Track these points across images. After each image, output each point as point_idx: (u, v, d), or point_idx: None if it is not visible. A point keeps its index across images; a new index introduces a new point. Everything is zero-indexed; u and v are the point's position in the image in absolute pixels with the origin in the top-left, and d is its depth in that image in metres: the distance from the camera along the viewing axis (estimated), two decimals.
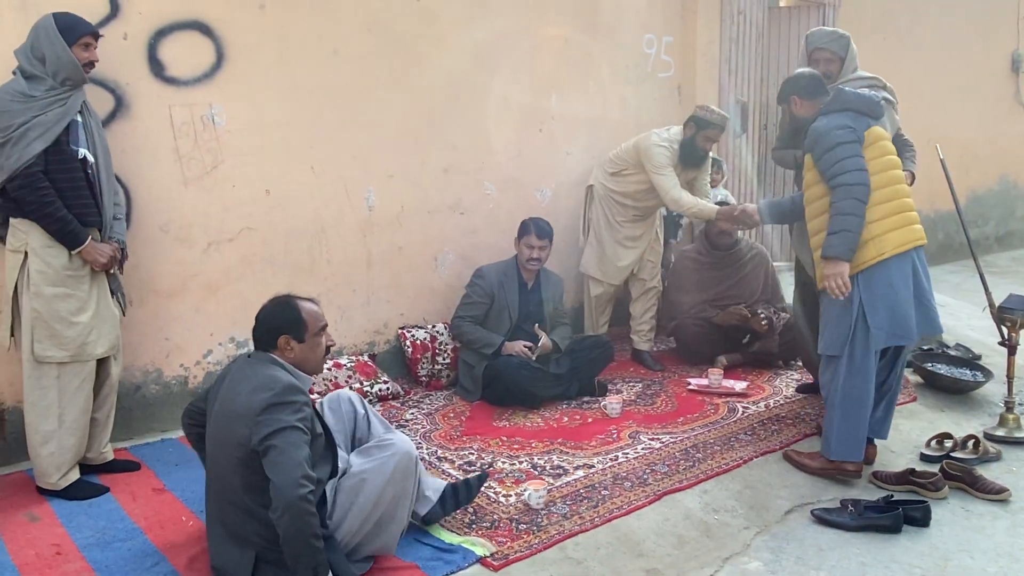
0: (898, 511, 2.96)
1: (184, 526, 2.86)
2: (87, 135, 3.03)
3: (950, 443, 3.59)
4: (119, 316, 3.20)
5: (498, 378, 3.99)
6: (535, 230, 4.19)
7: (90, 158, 3.03)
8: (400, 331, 4.43)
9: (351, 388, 3.96)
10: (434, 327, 4.47)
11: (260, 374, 2.41)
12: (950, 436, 3.62)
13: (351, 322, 4.29)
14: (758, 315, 4.59)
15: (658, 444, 3.56)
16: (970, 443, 3.57)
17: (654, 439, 3.62)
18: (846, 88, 3.33)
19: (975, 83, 8.04)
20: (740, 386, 4.26)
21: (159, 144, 3.60)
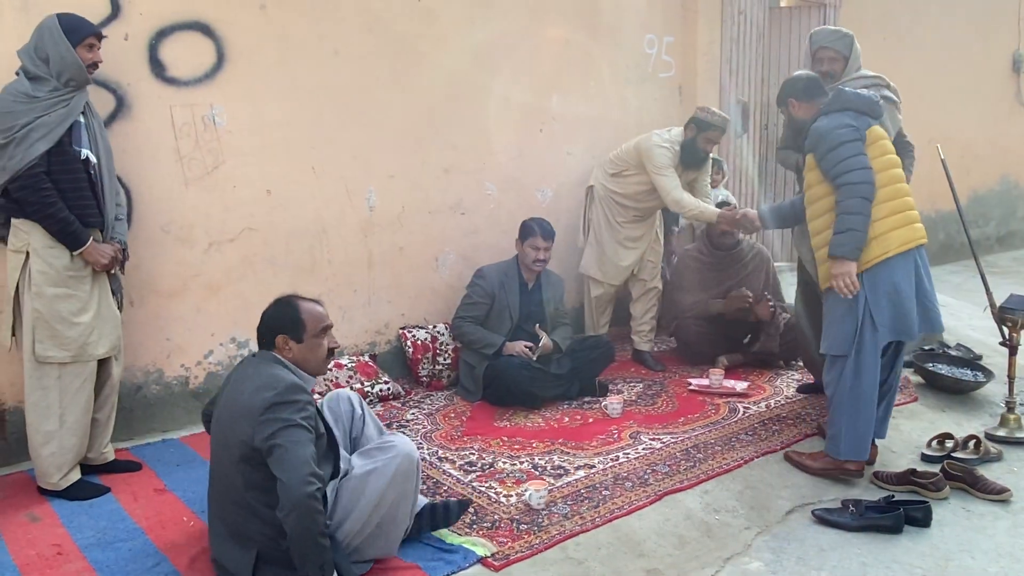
0: (899, 511, 2.96)
1: (185, 526, 2.86)
2: (90, 136, 3.03)
3: (951, 443, 3.59)
4: (120, 316, 3.20)
5: (499, 378, 3.99)
6: (540, 232, 4.19)
7: (92, 159, 3.03)
8: (401, 331, 4.43)
9: (352, 388, 3.97)
10: (435, 327, 4.47)
11: (263, 373, 2.41)
12: (951, 436, 3.62)
13: (352, 322, 4.29)
14: (765, 298, 4.56)
15: (659, 444, 3.57)
16: (971, 443, 3.57)
17: (655, 439, 3.63)
18: (846, 88, 3.33)
19: (976, 83, 8.04)
20: (741, 386, 4.26)
21: (160, 144, 3.61)
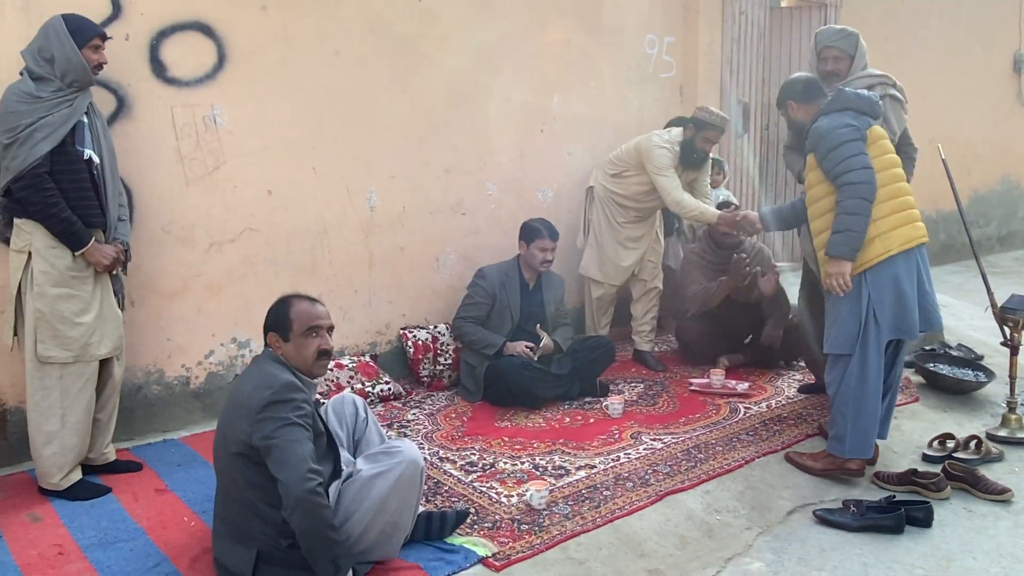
0: (900, 511, 2.96)
1: (186, 526, 2.86)
2: (93, 136, 3.04)
3: (952, 443, 3.58)
4: (122, 316, 3.21)
5: (500, 378, 3.99)
6: (547, 233, 4.19)
7: (95, 159, 3.03)
8: (402, 332, 4.43)
9: (353, 388, 3.97)
10: (436, 328, 4.47)
11: (262, 371, 2.43)
12: (952, 436, 3.61)
13: (353, 323, 4.29)
14: (772, 272, 4.47)
15: (660, 444, 3.56)
16: (972, 443, 3.56)
17: (656, 439, 3.62)
18: (846, 88, 3.33)
19: (977, 83, 8.04)
20: (742, 386, 4.26)
21: (161, 145, 3.61)
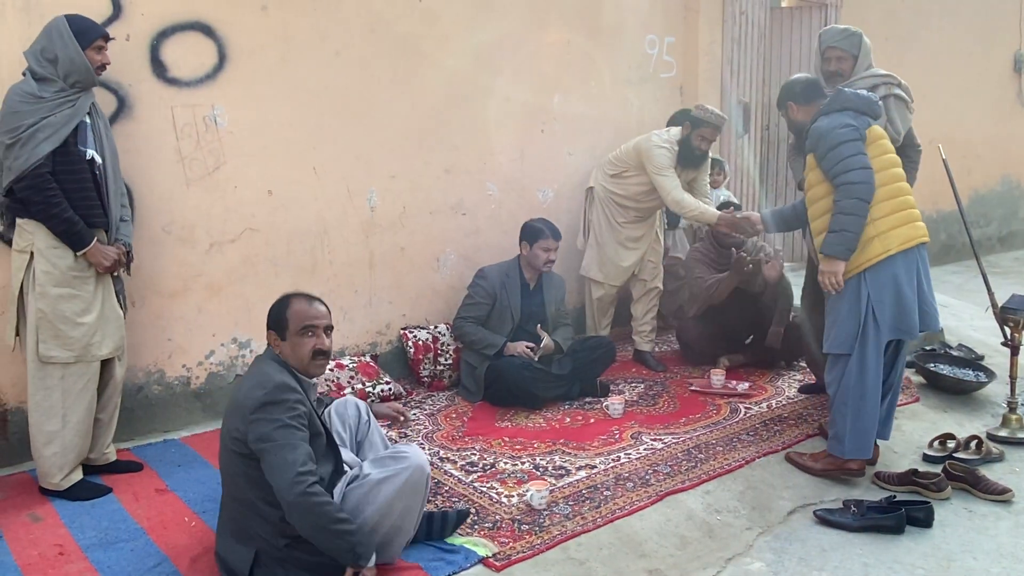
0: (901, 512, 2.96)
1: (187, 527, 2.86)
2: (95, 136, 3.04)
3: (953, 444, 3.58)
4: (123, 317, 3.21)
5: (500, 379, 3.99)
6: (550, 233, 4.18)
7: (98, 159, 3.03)
8: (402, 332, 4.43)
9: (353, 388, 3.97)
10: (436, 328, 4.47)
11: (259, 371, 2.45)
12: (953, 437, 3.61)
13: (353, 323, 4.29)
14: (776, 257, 4.47)
15: (660, 445, 3.56)
16: (973, 444, 3.56)
17: (656, 440, 3.62)
18: (844, 88, 3.33)
19: (978, 83, 8.04)
20: (742, 387, 4.26)
21: (161, 145, 3.61)
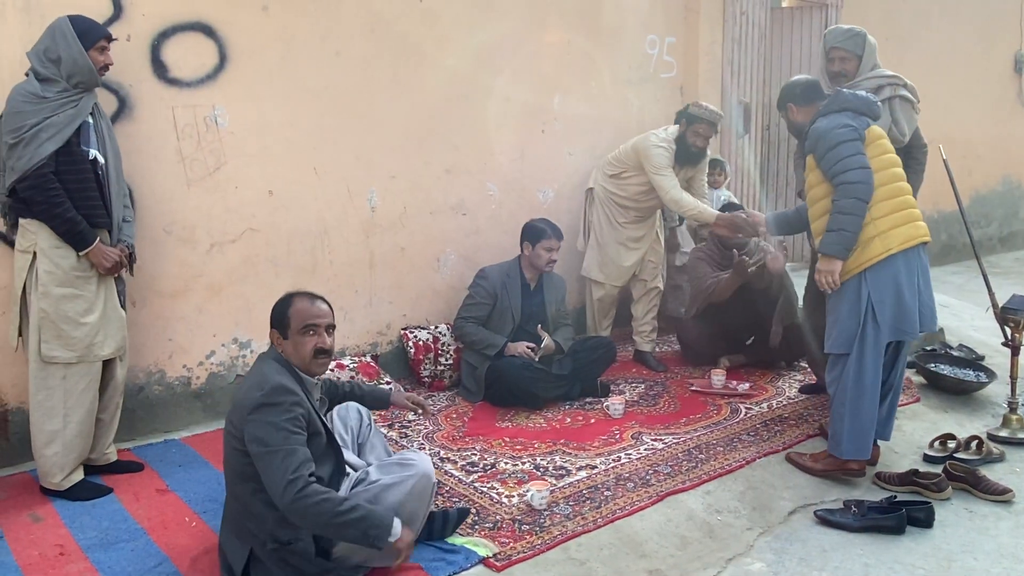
0: (901, 512, 2.96)
1: (187, 527, 2.86)
2: (98, 136, 3.04)
3: (953, 444, 3.58)
4: (125, 317, 3.21)
5: (501, 379, 3.99)
6: (553, 233, 4.18)
7: (100, 159, 3.04)
8: (403, 332, 4.43)
9: None
10: (436, 328, 4.47)
11: (260, 371, 2.45)
12: (953, 437, 3.61)
13: (354, 323, 4.29)
14: (780, 249, 4.48)
15: (661, 445, 3.56)
16: (973, 444, 3.56)
17: (657, 440, 3.62)
18: (843, 89, 3.34)
19: (978, 84, 8.04)
20: (743, 387, 4.26)
21: (162, 145, 3.61)
